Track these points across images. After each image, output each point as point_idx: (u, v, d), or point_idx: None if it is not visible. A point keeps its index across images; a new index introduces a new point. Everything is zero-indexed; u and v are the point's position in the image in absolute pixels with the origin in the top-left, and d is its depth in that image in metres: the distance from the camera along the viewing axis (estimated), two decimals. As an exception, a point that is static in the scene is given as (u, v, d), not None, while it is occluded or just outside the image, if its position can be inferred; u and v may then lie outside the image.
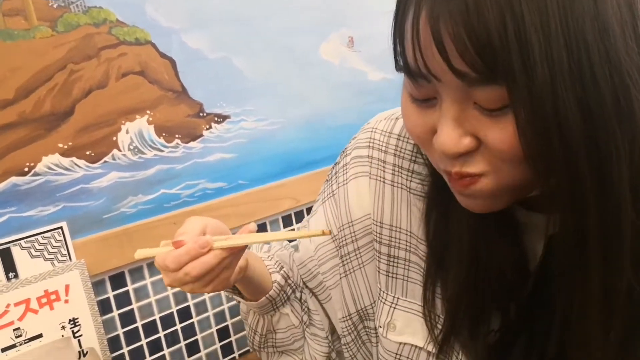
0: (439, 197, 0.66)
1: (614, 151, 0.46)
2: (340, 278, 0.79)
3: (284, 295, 0.80)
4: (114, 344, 1.05)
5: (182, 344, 1.15)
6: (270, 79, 1.24)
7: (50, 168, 0.96)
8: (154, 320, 1.11)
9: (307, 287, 0.85)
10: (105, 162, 1.02)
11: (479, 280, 0.63)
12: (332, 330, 0.85)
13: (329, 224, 0.79)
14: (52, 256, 0.95)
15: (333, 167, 0.83)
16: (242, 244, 0.63)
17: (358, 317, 0.80)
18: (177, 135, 1.11)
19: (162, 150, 1.09)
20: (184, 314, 1.14)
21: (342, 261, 0.79)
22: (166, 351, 1.12)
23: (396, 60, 0.54)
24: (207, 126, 1.15)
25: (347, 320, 0.80)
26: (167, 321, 1.12)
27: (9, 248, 0.91)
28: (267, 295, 0.77)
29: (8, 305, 0.90)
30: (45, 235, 0.94)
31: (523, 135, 0.45)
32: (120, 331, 1.06)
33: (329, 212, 0.80)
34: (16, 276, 0.92)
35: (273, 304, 0.79)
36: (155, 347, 1.11)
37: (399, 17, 0.50)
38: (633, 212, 0.48)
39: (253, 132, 1.22)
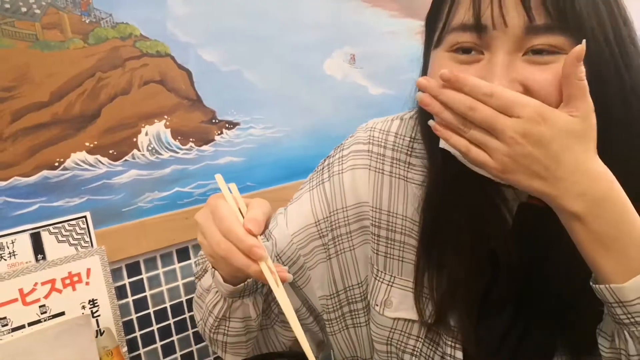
0: (434, 184, 0.75)
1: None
2: (330, 258, 0.87)
3: (254, 286, 0.80)
4: (128, 327, 1.15)
5: (190, 331, 1.24)
6: (278, 91, 1.35)
7: (77, 164, 1.08)
8: (165, 307, 1.21)
9: None
10: (126, 160, 1.13)
11: (470, 270, 0.72)
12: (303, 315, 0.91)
13: (314, 210, 0.87)
14: (76, 242, 1.06)
15: (324, 160, 0.92)
16: (277, 297, 0.64)
17: (345, 297, 0.88)
18: (191, 139, 1.22)
19: (177, 152, 1.20)
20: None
21: (334, 242, 0.86)
22: (175, 337, 1.22)
23: (433, 33, 0.65)
24: (219, 132, 1.26)
25: (333, 297, 0.88)
26: (177, 309, 1.22)
27: (39, 232, 1.02)
28: (245, 283, 0.76)
29: (36, 284, 1.00)
30: (70, 223, 1.05)
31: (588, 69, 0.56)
32: (134, 316, 1.16)
33: (316, 198, 0.88)
34: (44, 258, 1.02)
35: (242, 292, 0.78)
36: (165, 333, 1.21)
37: None
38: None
39: (261, 139, 1.33)
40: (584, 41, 0.55)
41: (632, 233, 0.56)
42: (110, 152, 1.11)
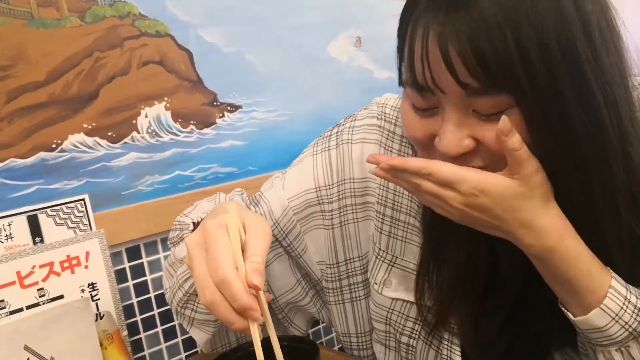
0: None
1: (605, 132, 0.57)
2: (333, 228, 0.85)
3: None
4: (128, 311, 1.14)
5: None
6: (280, 73, 1.33)
7: (75, 146, 1.06)
8: (166, 292, 1.19)
9: (280, 245, 0.87)
10: (125, 143, 1.12)
11: (478, 256, 0.71)
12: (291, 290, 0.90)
13: (316, 175, 0.85)
14: (74, 225, 1.04)
15: (333, 127, 0.89)
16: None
17: (345, 269, 0.86)
18: (192, 122, 1.20)
19: (177, 135, 1.18)
20: (194, 288, 1.23)
21: (339, 212, 0.84)
22: (176, 322, 1.21)
23: (400, 76, 0.64)
24: (220, 114, 1.24)
25: (333, 267, 0.86)
26: (178, 294, 1.21)
27: (36, 215, 1.00)
28: None
29: (33, 267, 0.99)
30: (69, 205, 1.04)
31: (530, 127, 0.56)
32: (134, 300, 1.15)
33: (320, 164, 0.85)
34: (42, 241, 1.01)
35: None
36: (166, 317, 1.19)
37: (407, 37, 0.60)
38: (624, 176, 0.59)
39: (263, 122, 1.30)
40: (504, 117, 0.55)
41: (581, 279, 0.60)
42: (109, 134, 1.10)
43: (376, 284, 0.83)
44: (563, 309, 0.64)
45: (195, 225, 0.80)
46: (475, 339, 0.74)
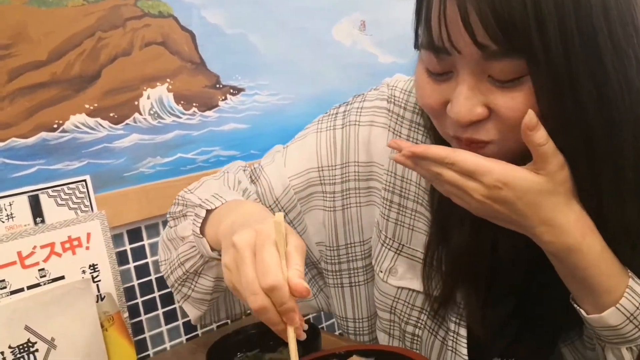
0: None
1: (615, 110, 0.56)
2: (334, 210, 0.84)
3: None
4: (129, 293, 1.13)
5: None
6: (284, 56, 1.31)
7: (77, 126, 1.05)
8: (167, 274, 1.19)
9: None
10: (127, 124, 1.11)
11: (480, 240, 0.70)
12: None
13: (319, 153, 0.84)
14: (75, 206, 1.04)
15: (340, 105, 0.87)
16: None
17: (345, 252, 0.85)
18: (194, 104, 1.19)
19: (180, 117, 1.17)
20: (195, 271, 1.22)
21: (342, 195, 0.83)
22: (177, 305, 1.21)
23: (416, 38, 0.63)
24: (223, 97, 1.23)
25: (332, 249, 0.86)
26: (179, 277, 1.20)
27: (37, 195, 1.00)
28: None
29: (34, 247, 0.98)
30: (70, 186, 1.03)
31: (541, 99, 0.54)
32: (135, 282, 1.15)
33: (324, 143, 0.84)
34: (43, 221, 1.00)
35: None
36: (167, 300, 1.19)
37: None
38: (633, 157, 0.58)
39: (266, 106, 1.30)
40: (530, 112, 0.54)
41: (599, 278, 0.59)
42: (111, 115, 1.09)
43: (382, 272, 0.81)
44: (575, 305, 0.63)
45: (208, 211, 0.76)
46: (482, 327, 0.73)
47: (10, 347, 0.90)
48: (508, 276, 0.72)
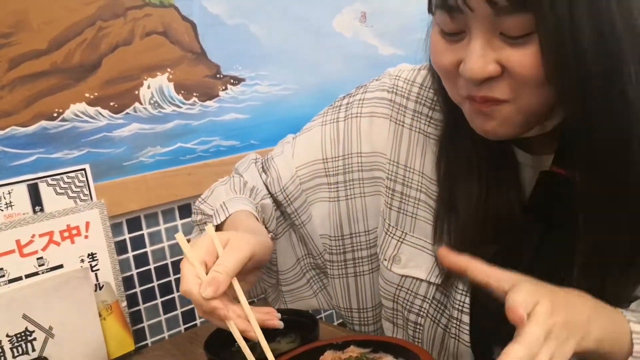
0: (450, 140, 0.74)
1: (624, 67, 0.56)
2: (338, 200, 0.85)
3: None
4: (127, 282, 1.14)
5: None
6: (284, 47, 1.31)
7: (77, 115, 1.05)
8: (166, 264, 1.19)
9: (285, 214, 0.89)
10: (127, 113, 1.11)
11: (485, 213, 0.71)
12: (293, 261, 0.91)
13: (324, 146, 0.85)
14: (75, 195, 1.04)
15: (343, 97, 0.89)
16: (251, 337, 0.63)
17: (350, 242, 0.86)
18: (194, 94, 1.19)
19: (180, 107, 1.17)
20: (194, 261, 1.23)
21: (345, 185, 0.85)
22: (176, 294, 1.21)
23: (430, 1, 0.63)
24: (223, 87, 1.23)
25: (337, 239, 0.87)
26: (178, 266, 1.19)
27: (36, 184, 1.00)
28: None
29: (33, 236, 0.99)
30: (69, 175, 1.03)
31: (546, 56, 0.55)
32: (134, 271, 1.15)
33: (328, 135, 0.86)
34: (42, 210, 1.01)
35: None
36: (166, 289, 1.20)
37: None
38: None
39: (266, 96, 1.29)
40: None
41: (607, 347, 0.57)
42: (111, 104, 1.09)
43: (385, 260, 0.82)
44: None
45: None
46: (486, 308, 0.72)
47: (8, 335, 0.91)
48: (517, 243, 0.72)
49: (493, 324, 0.70)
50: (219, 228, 0.77)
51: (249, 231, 0.71)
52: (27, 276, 0.99)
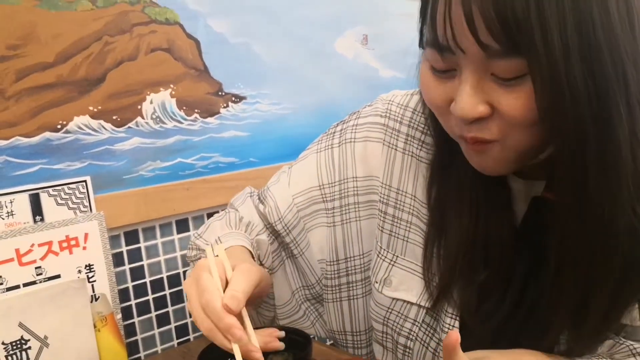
0: (441, 165, 0.75)
1: (614, 108, 0.56)
2: (334, 225, 0.86)
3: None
4: (123, 295, 1.14)
5: (186, 303, 1.24)
6: (286, 66, 1.33)
7: (80, 127, 1.07)
8: (162, 278, 1.20)
9: (282, 245, 0.89)
10: (129, 127, 1.12)
11: (475, 238, 0.71)
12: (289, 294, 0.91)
13: (320, 173, 0.86)
14: (75, 206, 1.05)
15: (337, 124, 0.90)
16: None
17: (345, 266, 0.87)
18: (196, 110, 1.21)
19: (181, 122, 1.19)
20: (190, 275, 1.24)
21: (340, 210, 0.85)
22: (170, 308, 1.22)
23: (421, 36, 0.64)
24: (225, 104, 1.25)
25: (333, 264, 0.87)
26: (174, 280, 1.22)
27: (37, 194, 1.01)
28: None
29: (32, 245, 1.00)
30: (70, 186, 1.04)
31: (540, 98, 0.55)
32: (130, 284, 1.16)
33: (323, 162, 0.86)
34: (42, 220, 1.02)
35: None
36: (160, 303, 1.20)
37: None
38: (630, 157, 0.58)
39: (267, 115, 1.31)
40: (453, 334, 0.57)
41: None
42: (114, 117, 1.10)
43: (377, 282, 0.83)
44: None
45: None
46: (478, 323, 0.73)
47: (3, 343, 0.91)
48: (507, 270, 0.72)
49: (482, 348, 0.71)
50: None
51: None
52: (25, 285, 1.00)
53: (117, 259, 1.13)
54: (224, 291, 0.63)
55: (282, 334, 0.66)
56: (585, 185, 0.59)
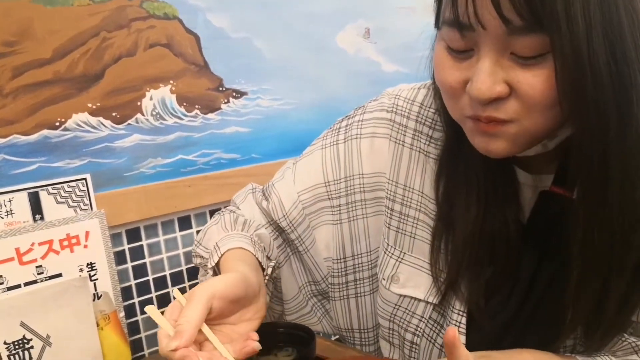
0: (450, 159, 0.74)
1: (634, 90, 0.55)
2: (341, 223, 0.85)
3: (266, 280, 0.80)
4: (126, 293, 1.13)
5: None
6: (288, 62, 1.32)
7: (79, 125, 1.06)
8: (165, 275, 1.19)
9: (287, 241, 0.88)
10: (129, 124, 1.11)
11: (482, 233, 0.70)
12: (298, 289, 0.90)
13: (325, 170, 0.84)
14: (75, 204, 1.04)
15: (342, 120, 0.88)
16: None
17: (352, 264, 0.86)
18: (196, 106, 1.19)
19: (182, 119, 1.18)
20: (193, 273, 1.22)
21: (347, 208, 0.84)
22: (174, 306, 1.20)
23: (437, 17, 0.62)
24: (226, 100, 1.23)
25: (340, 262, 0.86)
26: (177, 278, 1.21)
27: (37, 192, 1.00)
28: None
29: (33, 244, 0.99)
30: (70, 184, 1.03)
31: (561, 76, 0.54)
32: (132, 282, 1.15)
33: (329, 158, 0.85)
34: (42, 218, 1.01)
35: None
36: (164, 300, 1.19)
37: None
38: None
39: (268, 110, 1.30)
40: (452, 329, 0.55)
41: None
42: (114, 114, 1.09)
43: (384, 279, 0.81)
44: None
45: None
46: (485, 318, 0.72)
47: (5, 343, 0.90)
48: (514, 265, 0.71)
49: (488, 344, 0.70)
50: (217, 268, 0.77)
51: (236, 269, 0.70)
52: (26, 284, 0.99)
53: (119, 257, 1.12)
54: None
55: (256, 336, 0.64)
56: (603, 174, 0.58)
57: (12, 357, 0.91)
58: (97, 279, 1.05)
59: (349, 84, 1.43)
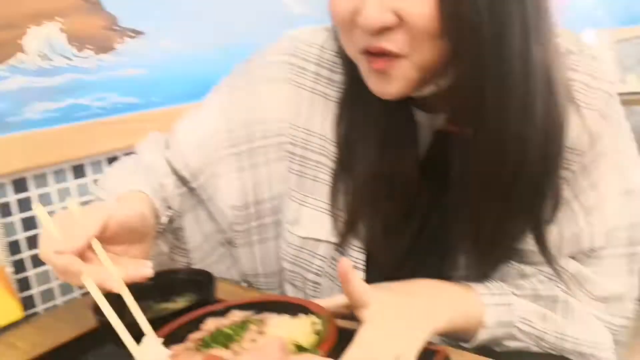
0: (351, 101, 0.75)
1: (508, 22, 0.58)
2: (243, 170, 0.83)
3: (161, 229, 0.80)
4: (13, 247, 1.06)
5: None
6: (190, 1, 1.25)
7: (-50, 64, 0.95)
8: (59, 228, 1.12)
9: (190, 190, 0.86)
10: (10, 65, 1.02)
11: (381, 172, 0.72)
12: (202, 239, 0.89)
13: (226, 115, 0.82)
14: (-51, 152, 0.95)
15: (242, 65, 0.85)
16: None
17: (255, 210, 0.84)
18: (88, 46, 1.11)
19: (71, 59, 1.09)
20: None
21: (249, 154, 0.82)
22: (71, 260, 1.14)
23: None
24: (121, 40, 1.15)
25: (243, 209, 0.84)
26: (73, 230, 1.14)
27: None
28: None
29: None
30: (-58, 129, 0.94)
31: (442, 3, 0.56)
32: (21, 235, 1.07)
33: (228, 104, 0.83)
34: None
35: None
36: (59, 255, 1.13)
37: None
38: (522, 77, 0.60)
39: (168, 51, 1.23)
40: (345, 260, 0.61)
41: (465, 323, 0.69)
42: (-10, 53, 0.99)
43: (288, 223, 0.81)
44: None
45: None
46: (385, 255, 0.75)
47: None
48: (411, 202, 0.74)
49: (387, 278, 0.72)
50: None
51: (134, 207, 0.68)
52: None
53: (4, 210, 1.04)
54: None
55: (150, 266, 0.61)
56: (481, 110, 0.61)
57: None
58: (-21, 233, 0.98)
59: (255, 26, 1.38)
